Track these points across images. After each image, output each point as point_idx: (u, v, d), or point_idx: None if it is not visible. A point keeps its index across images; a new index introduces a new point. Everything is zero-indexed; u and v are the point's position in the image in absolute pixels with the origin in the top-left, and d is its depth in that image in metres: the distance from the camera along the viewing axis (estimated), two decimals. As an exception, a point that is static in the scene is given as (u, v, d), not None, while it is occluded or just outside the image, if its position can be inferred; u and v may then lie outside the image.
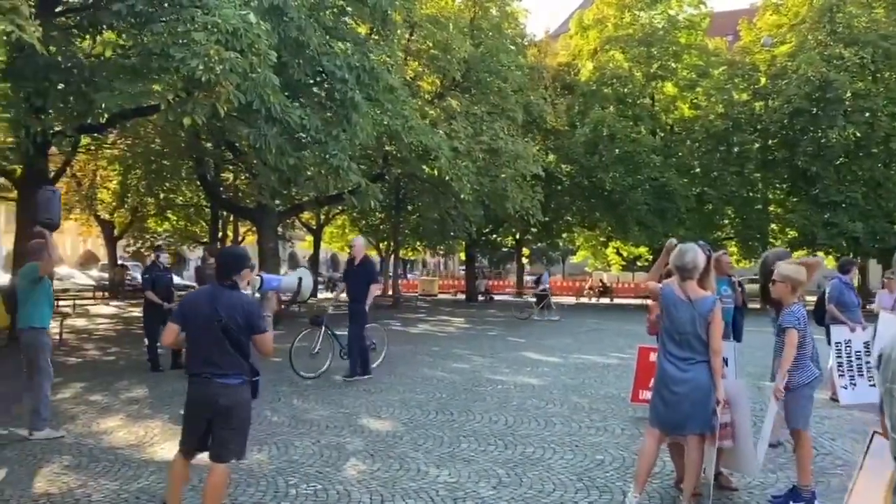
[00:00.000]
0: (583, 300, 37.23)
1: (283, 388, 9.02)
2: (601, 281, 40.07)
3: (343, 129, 12.87)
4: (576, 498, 4.98)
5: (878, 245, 26.27)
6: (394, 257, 32.01)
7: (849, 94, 25.06)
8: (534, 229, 31.51)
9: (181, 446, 4.29)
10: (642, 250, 33.46)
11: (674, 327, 4.49)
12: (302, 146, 12.49)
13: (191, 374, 4.20)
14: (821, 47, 26.34)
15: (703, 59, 29.98)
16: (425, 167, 19.25)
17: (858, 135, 25.40)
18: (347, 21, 14.98)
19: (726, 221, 30.74)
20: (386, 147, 19.47)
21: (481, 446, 6.27)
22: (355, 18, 15.79)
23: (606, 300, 36.34)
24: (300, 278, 4.48)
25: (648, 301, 6.53)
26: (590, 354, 12.97)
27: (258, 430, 6.81)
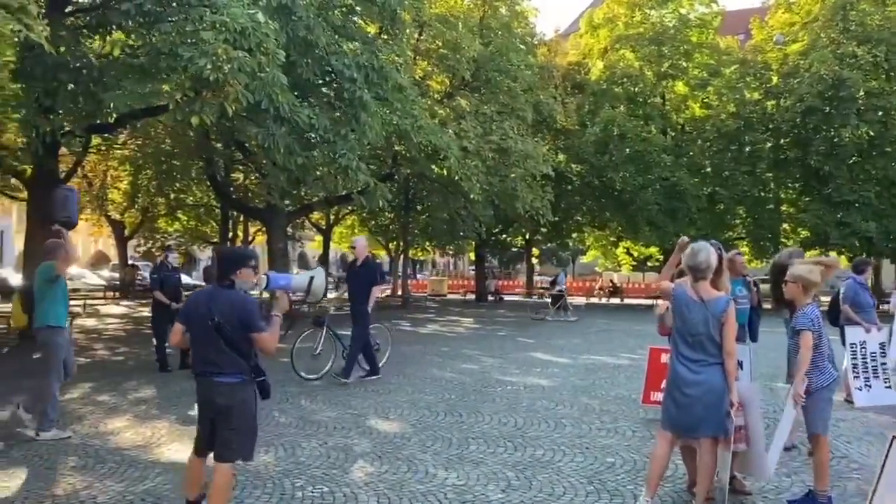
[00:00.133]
0: (593, 300, 37.07)
1: (291, 388, 8.98)
2: (611, 281, 39.87)
3: (352, 129, 12.83)
4: (586, 501, 4.90)
5: (891, 245, 26.04)
6: (403, 257, 31.93)
7: (862, 92, 24.81)
8: (544, 229, 31.40)
9: (194, 444, 4.36)
10: (653, 250, 33.27)
11: (686, 329, 4.40)
12: (311, 146, 12.47)
13: (195, 373, 4.29)
14: (833, 45, 26.10)
15: (714, 57, 29.76)
16: (434, 167, 19.19)
17: (872, 133, 25.18)
18: (356, 20, 14.95)
19: (738, 221, 30.50)
20: (395, 147, 19.43)
21: (490, 448, 6.20)
22: (364, 18, 15.76)
23: (616, 300, 36.15)
24: (311, 277, 4.40)
25: (658, 301, 6.42)
26: (600, 355, 12.87)
27: (265, 431, 6.76)
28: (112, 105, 10.58)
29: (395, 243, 35.04)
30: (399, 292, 30.65)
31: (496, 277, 39.20)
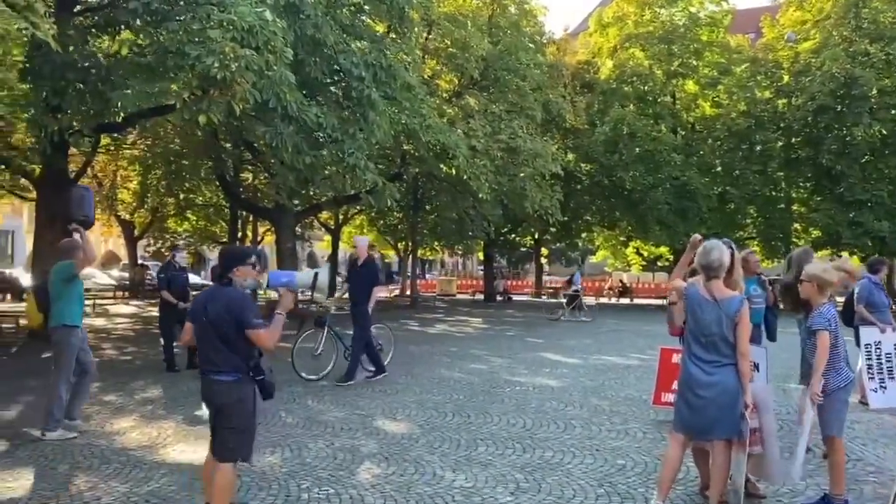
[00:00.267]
0: (602, 300, 36.89)
1: (298, 388, 8.92)
2: (621, 281, 39.69)
3: (360, 128, 12.76)
4: (596, 504, 4.83)
5: (905, 244, 25.76)
6: (412, 257, 31.88)
7: (874, 90, 24.56)
8: (553, 229, 31.26)
9: (210, 444, 4.38)
10: (663, 250, 33.07)
11: (699, 329, 4.31)
12: (319, 145, 12.40)
13: (200, 372, 4.31)
14: (846, 43, 25.86)
15: (724, 56, 29.54)
16: (443, 166, 19.10)
17: (885, 132, 24.91)
18: (364, 19, 14.89)
19: (748, 221, 30.28)
20: (404, 146, 19.36)
21: (499, 450, 6.12)
22: (372, 16, 15.71)
23: (626, 300, 35.97)
24: (316, 273, 4.36)
25: (669, 299, 6.31)
26: (609, 355, 12.77)
27: (272, 431, 6.73)
28: (119, 104, 10.54)
29: (403, 243, 34.99)
30: (408, 292, 30.57)
31: (505, 277, 39.09)
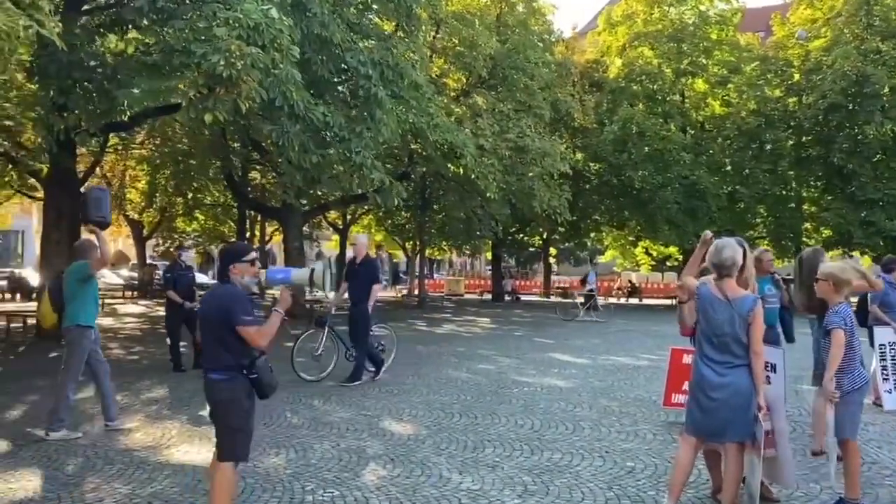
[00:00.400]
0: (611, 300, 36.71)
1: (304, 389, 8.84)
2: (630, 281, 39.49)
3: (367, 127, 12.68)
4: (606, 508, 4.73)
5: (917, 244, 25.49)
6: (420, 257, 31.79)
7: (886, 88, 24.31)
8: (561, 229, 31.10)
9: None
10: (672, 250, 32.86)
11: (711, 329, 4.21)
12: (325, 144, 12.33)
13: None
14: (857, 41, 25.62)
15: (734, 54, 29.31)
16: (451, 165, 18.99)
17: (896, 131, 24.69)
18: (371, 17, 14.82)
19: (759, 220, 30.02)
20: (411, 145, 19.29)
21: (506, 451, 6.03)
22: (380, 15, 15.63)
23: (635, 300, 35.78)
24: (312, 270, 4.28)
25: (678, 297, 6.19)
26: (619, 356, 12.65)
27: (276, 432, 6.67)
28: (126, 103, 10.52)
29: (411, 243, 34.93)
30: (416, 292, 30.49)
31: (513, 277, 38.92)
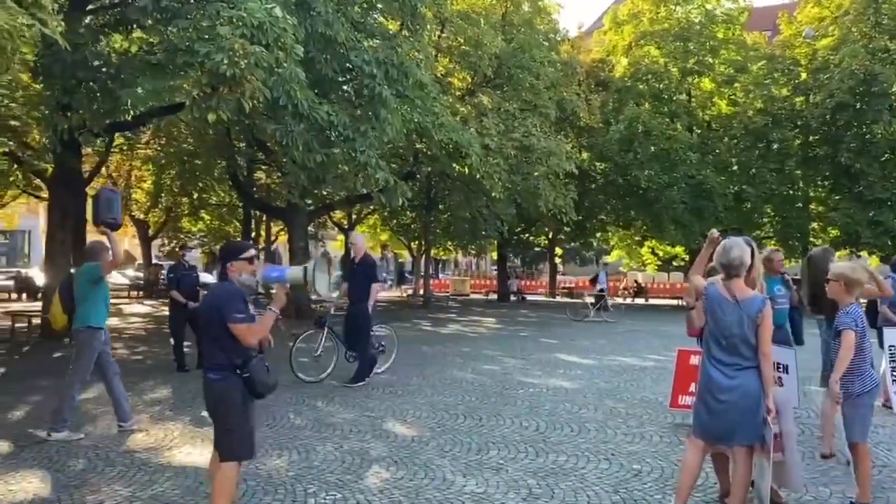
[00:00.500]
0: (617, 300, 36.57)
1: (307, 389, 8.79)
2: (636, 281, 39.35)
3: (371, 126, 12.63)
4: (611, 512, 4.66)
5: (926, 244, 25.32)
6: (425, 257, 31.73)
7: (894, 87, 24.16)
8: (567, 228, 31.03)
9: None
10: (678, 250, 32.73)
11: (719, 330, 4.13)
12: (330, 143, 12.28)
13: None
14: (865, 40, 25.46)
15: (741, 53, 29.15)
16: (456, 165, 18.91)
17: (905, 130, 24.54)
18: (376, 16, 14.76)
19: (765, 220, 29.85)
20: (416, 145, 19.23)
21: (511, 454, 5.96)
22: (384, 14, 15.58)
23: (641, 300, 35.65)
24: (305, 269, 4.23)
25: (688, 303, 6.13)
26: (625, 356, 12.56)
27: (279, 433, 6.62)
28: (129, 102, 10.48)
29: (416, 243, 34.90)
30: (421, 292, 30.44)
31: (519, 277, 38.84)
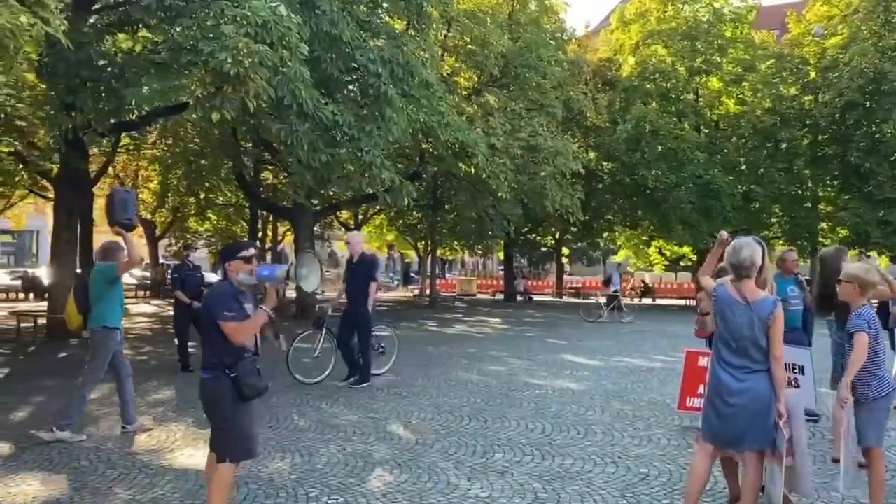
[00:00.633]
0: (624, 301, 36.39)
1: (311, 390, 8.73)
2: (643, 281, 39.21)
3: (377, 126, 12.56)
4: (619, 517, 4.58)
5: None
6: (431, 257, 31.68)
7: (905, 86, 23.98)
8: (574, 228, 30.89)
9: None
10: (686, 250, 32.55)
11: (729, 332, 4.03)
12: (335, 143, 12.22)
13: None
14: (875, 38, 25.24)
15: (749, 52, 28.96)
16: (462, 165, 18.84)
17: (915, 129, 24.33)
18: (382, 15, 14.69)
19: (774, 220, 29.65)
20: (422, 144, 19.15)
21: (516, 457, 5.88)
22: (390, 13, 15.52)
23: (648, 300, 35.49)
24: (287, 270, 4.18)
25: (702, 309, 6.02)
26: (632, 357, 12.46)
27: (282, 435, 6.56)
28: (133, 102, 10.45)
29: (423, 243, 34.84)
30: (427, 292, 30.38)
31: (525, 277, 38.71)
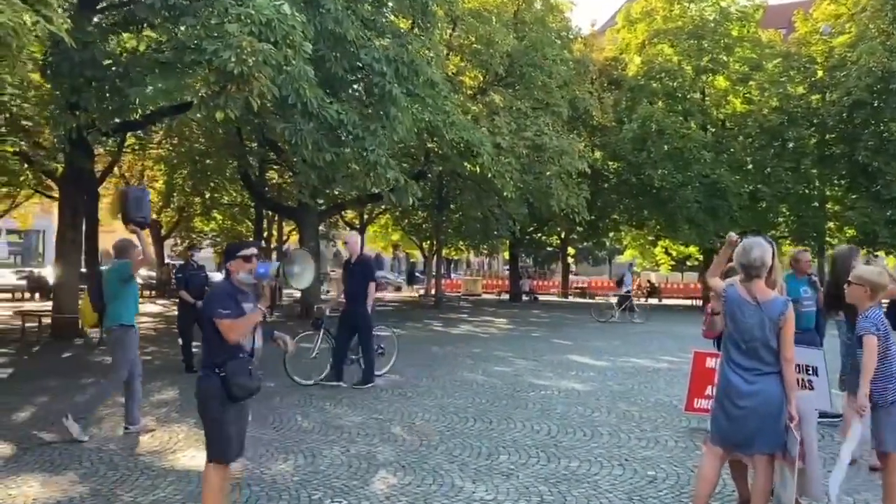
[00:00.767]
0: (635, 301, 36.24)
1: (315, 391, 8.69)
2: (649, 281, 39.06)
3: (382, 125, 12.50)
4: (626, 521, 4.51)
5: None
6: (437, 256, 31.62)
7: (913, 84, 23.82)
8: (579, 228, 30.79)
9: None
10: (692, 250, 32.42)
11: (739, 333, 3.95)
12: (339, 142, 12.17)
13: None
14: (883, 36, 25.05)
15: (756, 51, 28.81)
16: (467, 164, 18.76)
17: (924, 128, 24.16)
18: (387, 14, 14.63)
19: (781, 220, 29.49)
20: (427, 144, 19.09)
21: (522, 459, 5.81)
22: (395, 12, 15.45)
23: (654, 301, 35.35)
24: (280, 263, 4.15)
25: (712, 309, 5.95)
26: (638, 358, 12.38)
27: (286, 436, 6.51)
28: (137, 101, 10.41)
29: (428, 242, 34.80)
30: (432, 292, 30.32)
31: (531, 277, 38.62)
